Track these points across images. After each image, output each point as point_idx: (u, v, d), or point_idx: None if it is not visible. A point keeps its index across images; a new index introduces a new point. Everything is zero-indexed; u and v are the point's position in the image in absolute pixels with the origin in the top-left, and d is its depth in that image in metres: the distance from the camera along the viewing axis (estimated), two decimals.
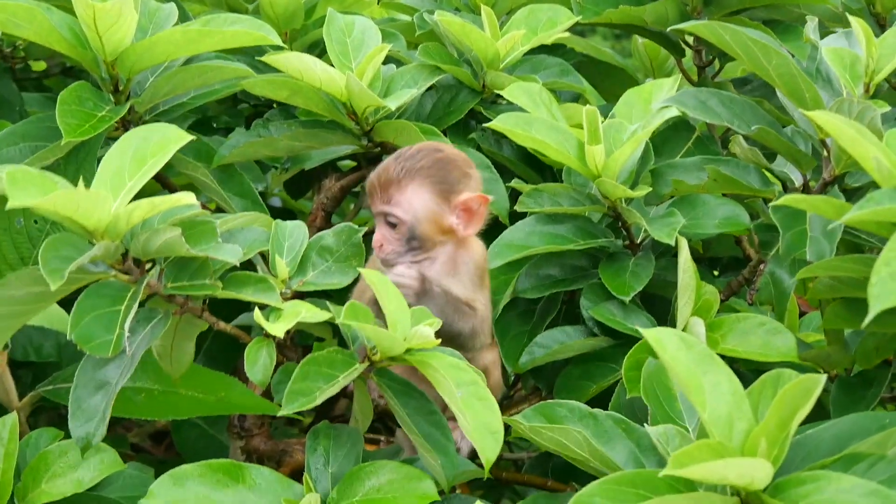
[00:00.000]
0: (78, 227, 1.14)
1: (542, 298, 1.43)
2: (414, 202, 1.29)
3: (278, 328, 1.19)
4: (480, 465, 1.20)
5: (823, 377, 1.00)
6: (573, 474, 1.30)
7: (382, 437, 1.55)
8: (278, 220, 1.30)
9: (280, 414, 1.16)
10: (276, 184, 1.67)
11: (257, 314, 1.20)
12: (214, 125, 1.69)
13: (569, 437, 1.15)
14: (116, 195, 1.16)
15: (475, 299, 1.31)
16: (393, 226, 1.30)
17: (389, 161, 1.30)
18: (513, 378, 1.49)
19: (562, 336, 1.39)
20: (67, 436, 1.32)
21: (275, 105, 1.63)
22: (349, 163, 1.77)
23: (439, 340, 1.17)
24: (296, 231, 1.30)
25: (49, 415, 1.65)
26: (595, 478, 1.13)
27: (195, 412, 1.47)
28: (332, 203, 1.61)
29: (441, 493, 1.23)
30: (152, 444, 1.87)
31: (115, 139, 1.40)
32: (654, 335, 1.06)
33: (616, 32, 4.43)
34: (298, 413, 1.59)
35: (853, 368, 1.42)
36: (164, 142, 1.19)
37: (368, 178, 1.32)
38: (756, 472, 1.00)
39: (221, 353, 1.66)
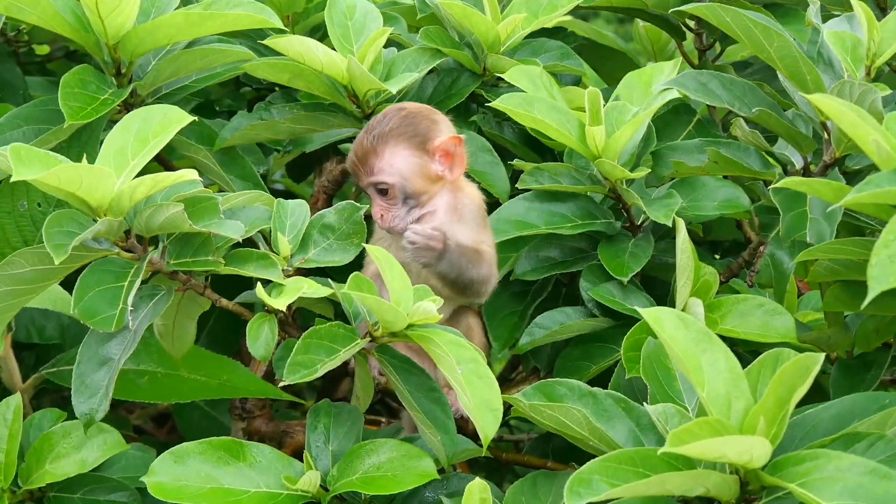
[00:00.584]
0: (81, 204, 1.15)
1: (535, 280, 1.42)
2: (395, 162, 1.31)
3: (280, 302, 1.19)
4: (479, 444, 1.21)
5: (822, 356, 1.01)
6: (573, 455, 1.31)
7: (383, 419, 1.56)
8: (280, 199, 1.31)
9: (282, 385, 1.17)
10: (278, 166, 1.68)
11: (259, 289, 1.20)
12: (217, 108, 1.70)
13: (569, 415, 1.16)
14: (119, 173, 1.17)
15: (482, 241, 1.33)
16: (384, 192, 1.32)
17: (361, 135, 1.33)
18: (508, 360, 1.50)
19: (561, 317, 1.39)
20: (70, 417, 1.34)
21: (276, 88, 1.63)
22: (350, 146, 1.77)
23: (441, 316, 1.18)
24: (297, 209, 1.31)
25: (52, 397, 1.67)
26: (594, 457, 1.14)
27: (198, 395, 1.48)
28: (334, 185, 1.61)
29: (441, 471, 1.24)
30: (154, 426, 1.88)
31: (117, 122, 1.42)
32: (653, 314, 1.07)
33: (619, 17, 4.43)
34: (300, 396, 1.61)
35: (853, 351, 1.43)
36: (166, 122, 1.21)
37: (348, 158, 1.33)
38: (754, 449, 1.01)
39: (224, 335, 1.67)
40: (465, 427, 1.34)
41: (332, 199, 1.61)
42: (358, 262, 1.33)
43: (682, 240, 1.32)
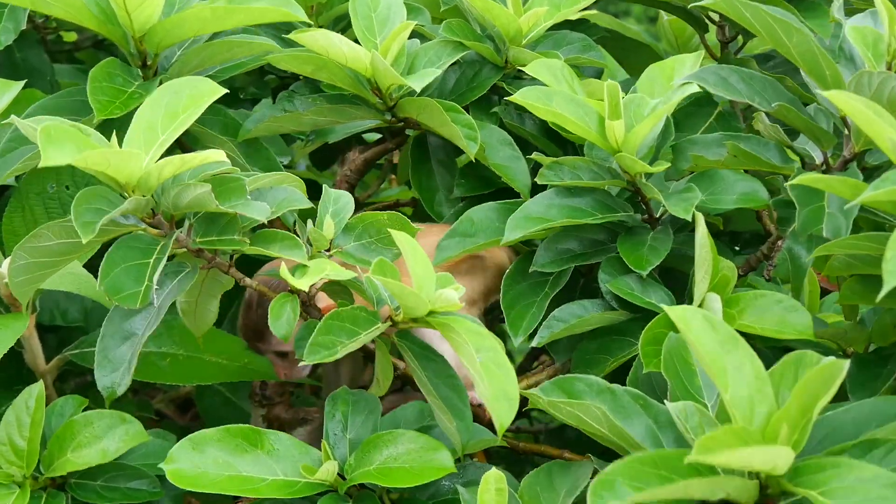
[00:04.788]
0: (110, 181, 1.17)
1: (551, 274, 1.43)
2: None
3: (303, 283, 1.21)
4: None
5: (846, 363, 1.01)
6: (589, 446, 1.31)
7: None
8: (326, 185, 1.33)
9: (301, 364, 1.18)
10: (301, 156, 1.69)
11: (283, 270, 1.22)
12: (241, 96, 1.71)
13: (587, 412, 1.16)
14: (149, 149, 1.19)
15: None
16: (284, 355, 1.45)
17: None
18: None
19: (579, 310, 1.40)
20: (93, 402, 1.36)
21: (300, 77, 1.64)
22: (374, 135, 1.79)
23: (463, 304, 1.19)
24: (342, 198, 1.32)
25: (75, 381, 1.68)
26: (611, 450, 1.15)
27: (219, 378, 1.49)
28: (356, 175, 1.63)
29: (457, 461, 1.25)
30: (177, 411, 1.90)
31: None
32: (679, 314, 1.07)
33: (648, 16, 4.43)
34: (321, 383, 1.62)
35: (870, 346, 1.43)
36: (196, 95, 1.22)
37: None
38: (778, 459, 1.02)
39: None
40: (481, 416, 1.35)
41: (353, 188, 1.62)
42: None
43: (702, 235, 1.33)
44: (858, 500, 0.99)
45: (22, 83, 1.49)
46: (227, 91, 1.25)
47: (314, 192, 1.38)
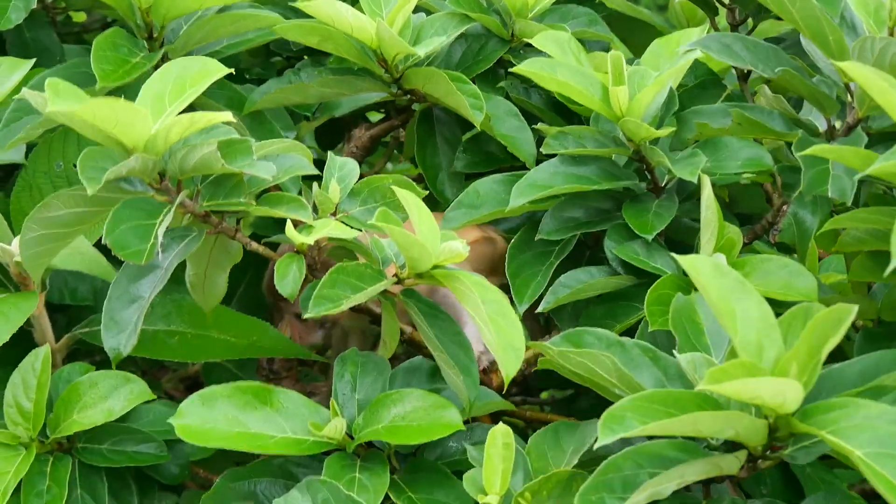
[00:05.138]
0: (116, 144, 1.18)
1: (559, 240, 1.43)
2: None
3: (308, 239, 1.21)
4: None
5: (855, 307, 1.01)
6: (596, 415, 1.31)
7: None
8: (331, 153, 1.34)
9: (306, 317, 1.18)
10: (306, 132, 1.69)
11: (289, 227, 1.22)
12: (247, 76, 1.71)
13: (597, 361, 1.16)
14: (156, 119, 1.19)
15: None
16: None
17: None
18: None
19: (585, 276, 1.40)
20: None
21: (306, 56, 1.65)
22: (379, 115, 1.79)
23: (468, 251, 1.19)
24: (348, 164, 1.33)
25: (85, 360, 1.68)
26: None
27: (227, 355, 1.49)
28: (362, 152, 1.63)
29: (464, 423, 1.25)
30: (184, 391, 1.89)
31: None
32: (690, 262, 1.08)
33: (658, 4, 4.43)
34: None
35: (878, 320, 1.43)
36: (204, 72, 1.23)
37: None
38: (788, 392, 1.02)
39: (255, 300, 1.69)
40: (488, 382, 1.35)
41: (360, 165, 1.62)
42: None
43: (707, 195, 1.33)
44: (867, 438, 0.99)
45: (31, 62, 1.49)
46: (232, 71, 1.26)
47: (320, 170, 1.38)
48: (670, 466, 1.09)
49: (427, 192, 1.33)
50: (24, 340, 1.43)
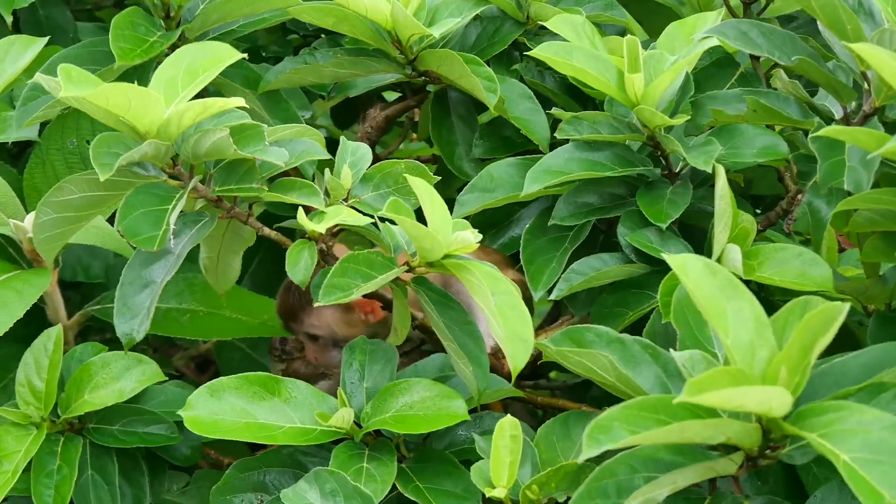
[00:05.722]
0: (129, 130, 1.18)
1: (573, 226, 1.43)
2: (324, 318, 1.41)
3: (320, 226, 1.21)
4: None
5: (847, 305, 0.99)
6: (609, 403, 1.31)
7: None
8: (343, 137, 1.33)
9: (317, 305, 1.19)
10: (322, 111, 1.69)
11: (301, 215, 1.22)
12: (263, 55, 1.72)
13: (596, 361, 1.16)
14: (169, 104, 1.19)
15: None
16: (315, 338, 1.43)
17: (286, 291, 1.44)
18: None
19: (598, 263, 1.39)
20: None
21: (322, 35, 1.65)
22: (395, 94, 1.79)
23: (479, 239, 1.19)
24: (360, 150, 1.32)
25: (97, 338, 1.69)
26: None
27: (238, 333, 1.50)
28: (377, 132, 1.63)
29: (472, 411, 1.25)
30: (195, 369, 1.90)
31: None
32: (678, 261, 1.06)
33: None
34: None
35: (892, 304, 1.42)
36: (216, 57, 1.23)
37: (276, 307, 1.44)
38: (774, 399, 1.01)
39: (266, 278, 1.69)
40: (499, 368, 1.35)
41: (375, 145, 1.63)
42: None
43: (721, 186, 1.32)
44: (858, 443, 0.98)
45: (45, 40, 1.50)
46: (244, 56, 1.26)
47: (334, 150, 1.38)
48: (665, 470, 1.08)
49: (439, 178, 1.33)
50: (37, 317, 1.44)
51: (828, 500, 1.13)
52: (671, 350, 1.15)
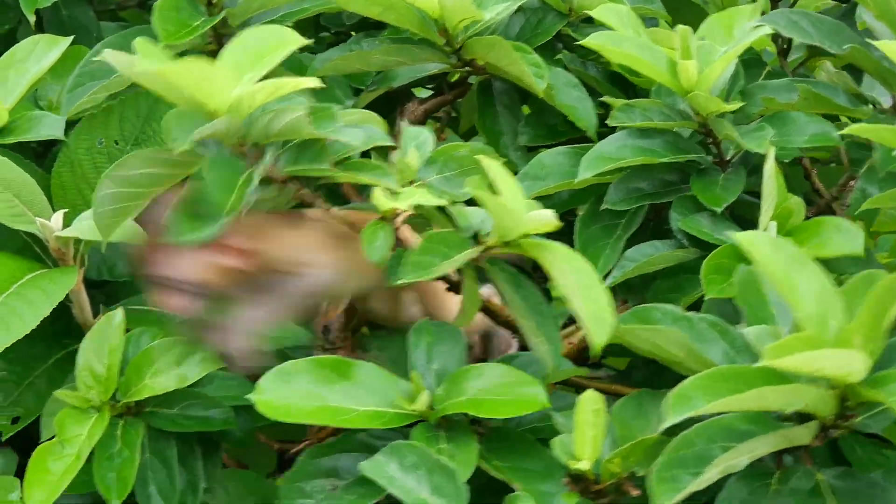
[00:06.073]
0: (198, 108, 1.17)
1: (626, 212, 1.43)
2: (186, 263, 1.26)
3: (398, 204, 1.20)
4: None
5: None
6: (650, 387, 1.31)
7: None
8: (404, 122, 1.34)
9: (399, 283, 1.18)
10: (364, 103, 1.68)
11: (377, 193, 1.21)
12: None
13: (667, 338, 1.17)
14: (235, 85, 1.18)
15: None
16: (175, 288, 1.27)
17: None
18: None
19: (650, 249, 1.40)
20: None
21: (352, 34, 1.65)
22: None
23: (559, 224, 1.19)
24: (422, 134, 1.32)
25: None
26: None
27: None
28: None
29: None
30: None
31: (208, 53, 1.43)
32: (747, 238, 1.08)
33: None
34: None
35: None
36: (282, 41, 1.22)
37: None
38: (853, 363, 1.02)
39: None
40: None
41: None
42: None
43: (770, 166, 1.32)
44: None
45: (69, 39, 1.50)
46: (311, 41, 1.27)
47: None
48: (741, 440, 1.09)
49: (504, 159, 1.33)
50: (64, 316, 1.42)
51: None
52: (738, 327, 1.16)
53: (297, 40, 1.23)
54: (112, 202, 1.25)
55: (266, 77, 1.20)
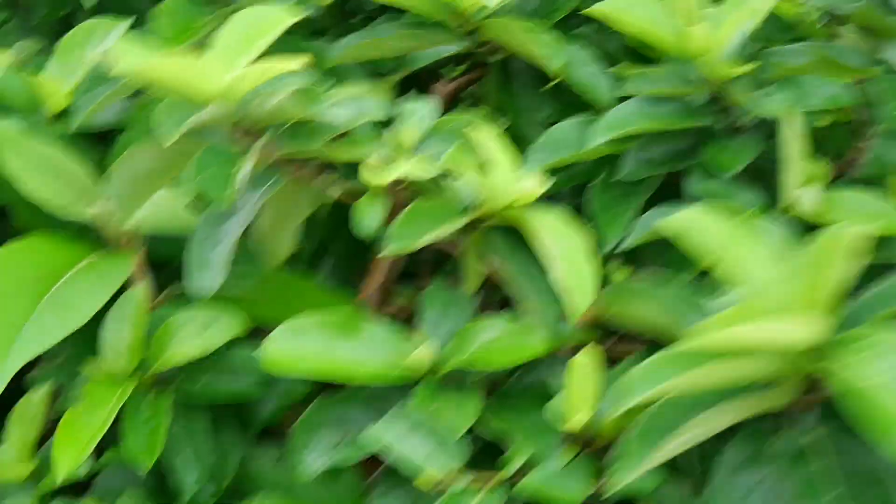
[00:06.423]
0: (190, 97, 1.20)
1: (641, 182, 1.44)
2: None
3: (383, 178, 1.23)
4: None
5: (857, 229, 0.98)
6: None
7: None
8: (405, 98, 1.36)
9: (382, 255, 1.20)
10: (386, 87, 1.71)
11: (364, 168, 1.24)
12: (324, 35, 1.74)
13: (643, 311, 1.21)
14: (228, 70, 1.22)
15: None
16: None
17: None
18: None
19: (664, 216, 1.41)
20: None
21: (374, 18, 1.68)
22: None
23: (543, 190, 1.20)
24: (424, 107, 1.35)
25: None
26: None
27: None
28: (445, 106, 1.65)
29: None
30: None
31: None
32: (676, 222, 1.11)
33: None
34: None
35: None
36: (273, 20, 1.26)
37: None
38: (798, 332, 0.99)
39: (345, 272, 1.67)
40: None
41: None
42: None
43: (794, 130, 1.33)
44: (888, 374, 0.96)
45: (129, 21, 1.51)
46: (308, 14, 1.31)
47: None
48: (704, 410, 1.08)
49: (508, 122, 1.34)
50: None
51: None
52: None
53: (285, 19, 1.26)
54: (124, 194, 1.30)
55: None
